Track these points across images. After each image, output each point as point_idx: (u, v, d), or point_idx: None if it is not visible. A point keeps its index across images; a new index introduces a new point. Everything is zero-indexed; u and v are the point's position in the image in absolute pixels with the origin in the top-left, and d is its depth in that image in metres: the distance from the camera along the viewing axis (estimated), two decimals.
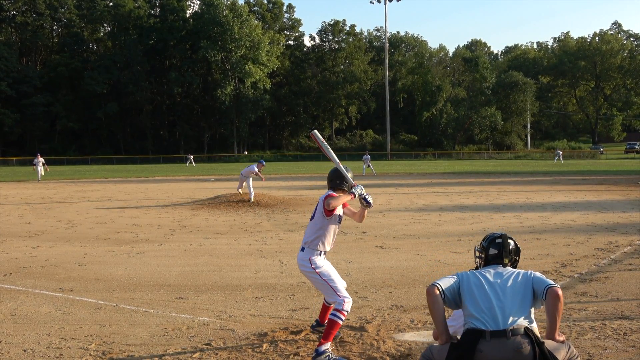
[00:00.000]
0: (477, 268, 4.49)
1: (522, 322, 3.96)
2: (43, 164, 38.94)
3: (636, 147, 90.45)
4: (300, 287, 8.48)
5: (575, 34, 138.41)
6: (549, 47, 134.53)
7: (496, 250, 4.41)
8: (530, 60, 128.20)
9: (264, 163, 22.11)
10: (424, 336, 6.20)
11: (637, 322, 6.53)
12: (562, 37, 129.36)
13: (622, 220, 15.35)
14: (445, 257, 10.62)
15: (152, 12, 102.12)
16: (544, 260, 10.08)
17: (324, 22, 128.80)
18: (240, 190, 21.58)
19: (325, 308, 6.20)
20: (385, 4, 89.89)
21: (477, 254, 4.55)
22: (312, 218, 5.91)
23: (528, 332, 3.90)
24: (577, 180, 32.51)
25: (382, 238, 12.79)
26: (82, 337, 6.27)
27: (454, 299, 4.19)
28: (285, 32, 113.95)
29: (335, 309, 5.62)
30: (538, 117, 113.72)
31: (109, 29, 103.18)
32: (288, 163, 77.63)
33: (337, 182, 5.92)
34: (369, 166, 42.86)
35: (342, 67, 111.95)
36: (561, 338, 4.05)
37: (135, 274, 9.50)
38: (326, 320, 5.76)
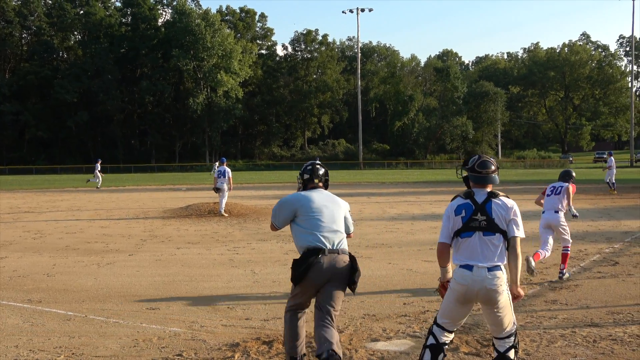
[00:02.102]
0: (301, 190, 5.84)
1: (345, 244, 5.49)
2: (99, 171, 39.38)
3: (604, 156, 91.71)
4: (272, 297, 8.46)
5: (544, 45, 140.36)
6: (519, 57, 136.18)
7: (308, 175, 5.77)
8: (500, 70, 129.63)
9: (224, 160, 21.82)
10: (396, 345, 6.21)
11: (606, 330, 6.61)
12: (532, 47, 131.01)
13: (591, 228, 15.55)
14: (417, 266, 10.67)
15: (124, 20, 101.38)
16: None
17: (296, 31, 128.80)
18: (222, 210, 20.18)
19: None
20: (357, 14, 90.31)
21: (298, 179, 5.89)
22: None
23: (348, 251, 5.49)
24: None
25: (355, 247, 12.79)
26: (51, 349, 6.18)
27: (285, 224, 5.75)
28: (258, 41, 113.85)
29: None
30: (508, 127, 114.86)
31: (80, 37, 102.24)
32: (260, 172, 77.41)
33: None
34: None
35: (314, 76, 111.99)
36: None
37: (106, 284, 9.40)
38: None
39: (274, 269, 10.57)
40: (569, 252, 9.74)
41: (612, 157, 30.28)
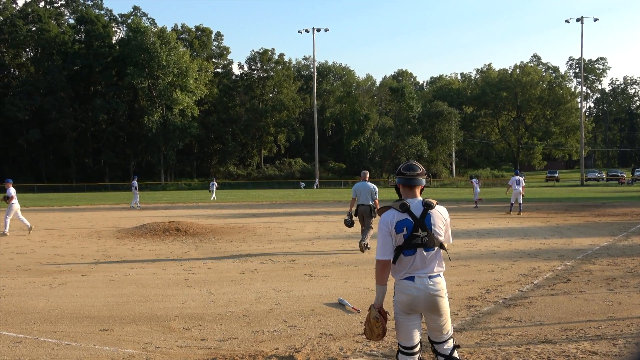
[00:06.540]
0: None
1: (371, 202, 14.80)
2: (135, 188, 39.36)
3: (556, 175, 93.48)
4: (228, 316, 8.36)
5: (497, 66, 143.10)
6: (472, 78, 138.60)
7: (360, 177, 15.47)
8: (454, 90, 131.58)
9: (10, 181, 22.10)
10: None
11: (559, 346, 6.70)
12: (485, 68, 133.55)
13: (543, 246, 15.78)
14: (374, 285, 10.64)
15: (77, 37, 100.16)
16: (469, 286, 10.25)
17: (252, 50, 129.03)
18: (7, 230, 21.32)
19: None
20: (313, 33, 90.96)
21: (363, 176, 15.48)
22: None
23: (371, 205, 14.86)
24: (500, 207, 33.26)
25: (311, 266, 12.78)
26: None
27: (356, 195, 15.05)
28: (214, 59, 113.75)
29: None
30: (462, 146, 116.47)
31: (32, 54, 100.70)
32: (216, 191, 76.80)
33: None
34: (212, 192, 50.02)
35: (270, 95, 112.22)
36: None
37: (57, 305, 9.19)
38: None
39: (230, 288, 10.48)
40: None
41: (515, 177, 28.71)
